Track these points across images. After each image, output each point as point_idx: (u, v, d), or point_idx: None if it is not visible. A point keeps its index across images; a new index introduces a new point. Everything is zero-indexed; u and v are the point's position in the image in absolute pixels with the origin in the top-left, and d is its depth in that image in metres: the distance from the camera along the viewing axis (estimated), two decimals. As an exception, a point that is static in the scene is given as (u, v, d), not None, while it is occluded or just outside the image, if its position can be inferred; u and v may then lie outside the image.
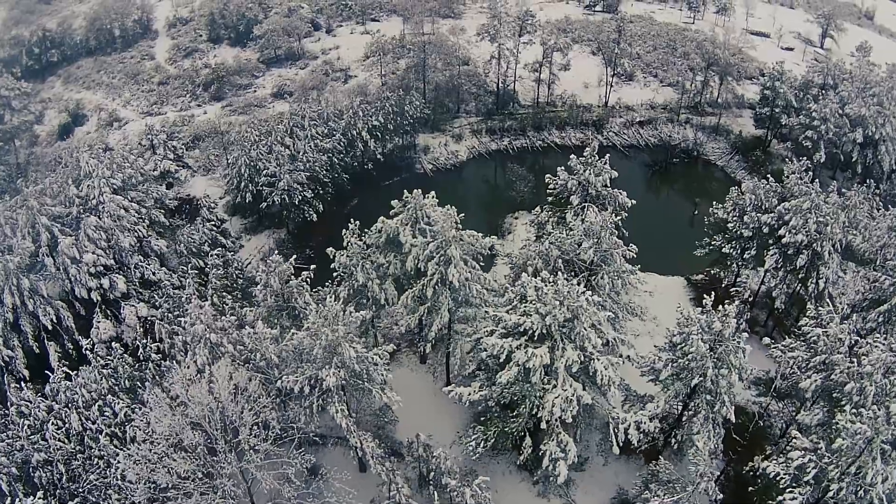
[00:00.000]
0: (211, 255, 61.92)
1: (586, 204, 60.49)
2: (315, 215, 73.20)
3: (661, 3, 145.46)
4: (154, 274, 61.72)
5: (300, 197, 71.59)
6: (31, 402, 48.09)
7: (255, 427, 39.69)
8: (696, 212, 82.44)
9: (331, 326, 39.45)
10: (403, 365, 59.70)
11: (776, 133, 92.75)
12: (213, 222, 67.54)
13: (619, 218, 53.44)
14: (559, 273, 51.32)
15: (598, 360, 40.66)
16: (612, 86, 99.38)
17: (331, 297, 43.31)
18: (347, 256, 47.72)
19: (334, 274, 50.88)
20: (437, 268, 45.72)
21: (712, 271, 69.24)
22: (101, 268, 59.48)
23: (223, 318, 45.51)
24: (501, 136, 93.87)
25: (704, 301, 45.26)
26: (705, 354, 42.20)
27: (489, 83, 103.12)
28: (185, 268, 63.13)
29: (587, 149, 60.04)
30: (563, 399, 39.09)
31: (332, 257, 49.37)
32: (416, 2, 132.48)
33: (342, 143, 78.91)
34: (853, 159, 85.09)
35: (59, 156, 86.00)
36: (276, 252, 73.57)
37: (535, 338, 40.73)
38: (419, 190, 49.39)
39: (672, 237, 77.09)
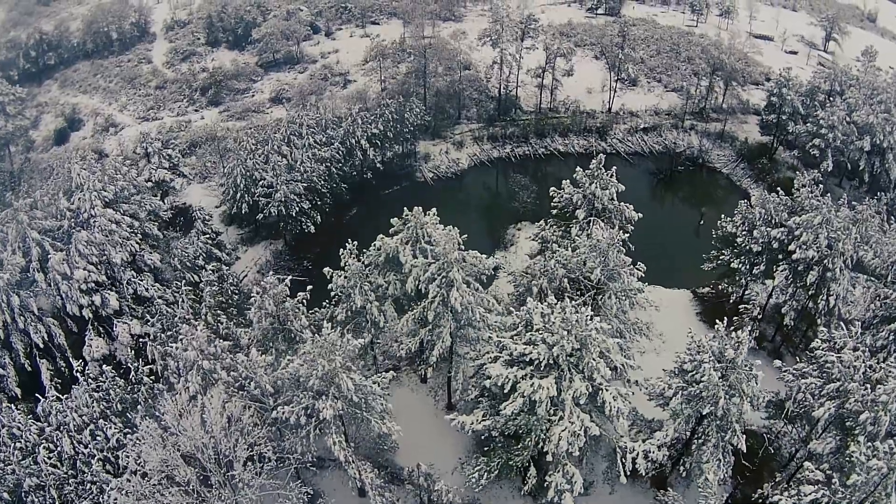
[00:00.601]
0: (205, 271, 60.11)
1: (592, 218, 58.71)
2: (313, 227, 71.28)
3: (663, 5, 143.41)
4: (147, 290, 59.86)
5: (298, 208, 69.71)
6: (22, 425, 46.48)
7: (250, 462, 37.90)
8: (702, 222, 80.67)
9: (327, 357, 37.62)
10: (404, 385, 57.85)
11: (782, 140, 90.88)
12: (207, 234, 65.60)
13: (626, 235, 51.34)
14: (565, 293, 50.02)
15: (607, 390, 38.87)
16: (615, 91, 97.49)
17: (328, 325, 41.32)
18: (345, 278, 45.84)
19: (332, 294, 49.01)
20: (439, 290, 43.89)
21: (719, 285, 67.43)
22: (93, 284, 57.76)
23: (217, 342, 43.61)
24: (503, 144, 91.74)
25: (717, 326, 43.54)
26: (717, 383, 40.43)
27: (491, 89, 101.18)
28: (179, 283, 61.25)
29: (593, 161, 58.11)
30: (570, 433, 37.31)
31: (329, 277, 47.45)
32: (416, 5, 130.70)
33: (341, 152, 76.96)
34: (860, 168, 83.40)
35: (51, 164, 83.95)
36: (273, 264, 72.91)
37: (542, 367, 38.91)
38: (419, 208, 47.51)
39: (677, 248, 75.41)
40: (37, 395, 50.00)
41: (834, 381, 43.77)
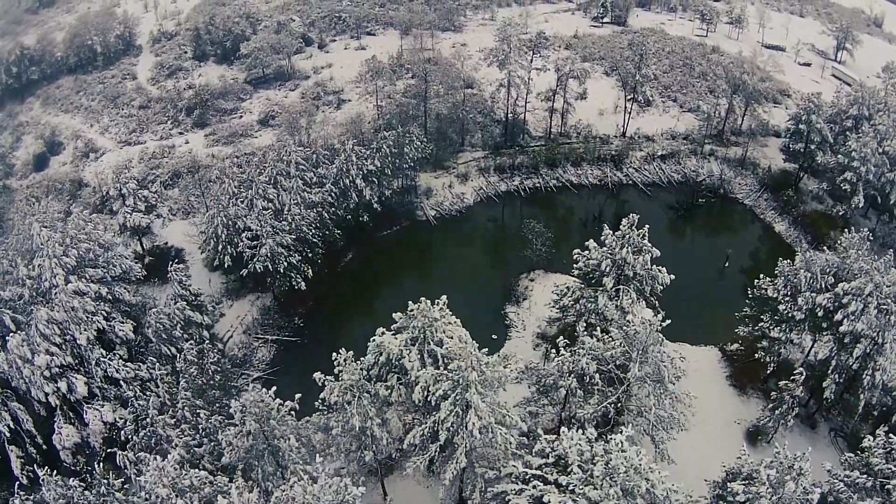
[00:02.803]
0: (184, 345, 51.73)
1: (622, 287, 50.50)
2: (303, 283, 62.68)
3: (669, 12, 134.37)
4: (118, 371, 51.44)
5: (286, 263, 61.07)
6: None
7: None
8: (727, 264, 72.65)
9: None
10: (408, 476, 49.69)
11: (808, 168, 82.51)
12: (186, 297, 57.00)
13: (664, 321, 43.01)
14: (595, 388, 42.09)
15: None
16: (630, 113, 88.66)
17: (323, 469, 32.99)
18: (339, 392, 37.41)
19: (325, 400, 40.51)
20: (454, 408, 35.69)
21: (749, 339, 59.37)
22: (58, 368, 49.46)
23: (192, 475, 35.37)
24: (512, 175, 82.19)
25: (776, 451, 35.74)
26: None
27: (497, 111, 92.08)
28: (154, 359, 52.83)
29: (624, 220, 49.80)
30: None
31: (320, 384, 39.00)
32: (414, 15, 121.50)
33: (333, 194, 68.14)
34: (891, 201, 75.21)
35: (9, 216, 75.17)
36: (261, 322, 64.09)
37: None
38: (426, 300, 38.96)
39: (702, 295, 66.75)
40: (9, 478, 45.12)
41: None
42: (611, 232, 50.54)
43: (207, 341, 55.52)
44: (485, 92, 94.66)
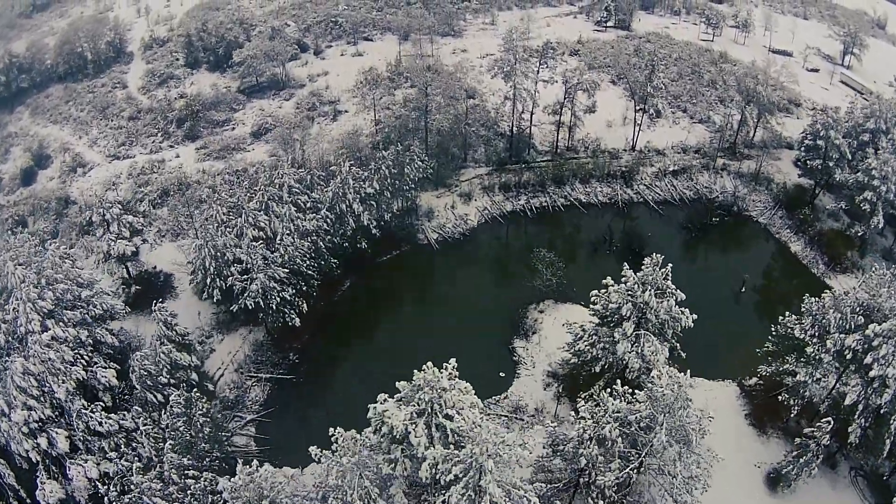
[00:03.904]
0: (170, 399, 47.28)
1: (643, 333, 46.26)
2: (297, 319, 58.09)
3: (673, 16, 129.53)
4: (101, 424, 47.00)
5: (279, 298, 56.55)
6: None
7: None
8: (744, 289, 68.38)
9: None
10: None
11: (825, 184, 78.13)
12: (172, 338, 52.46)
13: (692, 383, 38.72)
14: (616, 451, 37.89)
15: None
16: (640, 126, 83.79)
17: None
18: (337, 474, 32.98)
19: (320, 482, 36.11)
20: (466, 492, 31.42)
21: (773, 377, 55.12)
22: (37, 423, 45.21)
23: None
24: (517, 194, 77.13)
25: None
26: None
27: (501, 124, 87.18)
28: (139, 409, 48.50)
29: (647, 260, 45.55)
30: None
31: (316, 459, 34.51)
32: (412, 20, 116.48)
33: (329, 220, 63.49)
34: (908, 219, 71.25)
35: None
36: (253, 359, 59.03)
37: None
38: (432, 367, 34.55)
39: (718, 323, 61.07)
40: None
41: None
42: (632, 273, 46.26)
43: (196, 387, 50.99)
44: (488, 103, 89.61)
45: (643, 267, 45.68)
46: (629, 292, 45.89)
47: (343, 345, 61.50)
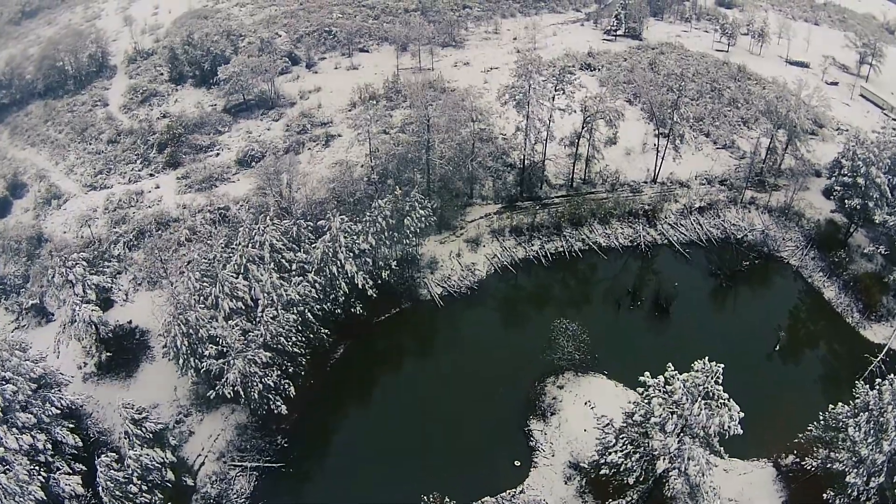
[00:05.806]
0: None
1: (686, 447, 36.93)
2: (284, 406, 48.46)
3: (684, 23, 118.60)
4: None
5: (261, 385, 47.02)
6: None
7: None
8: (778, 347, 59.10)
9: None
10: None
11: (859, 219, 68.38)
12: (142, 438, 43.03)
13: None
14: None
15: None
16: (661, 154, 73.28)
17: None
18: None
19: None
20: None
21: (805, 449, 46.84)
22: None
23: None
24: (530, 238, 66.74)
25: None
26: None
27: (510, 153, 76.70)
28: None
29: (697, 365, 36.16)
30: None
31: None
32: (410, 29, 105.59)
33: (318, 285, 53.66)
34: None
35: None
36: (237, 444, 49.15)
37: None
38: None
39: (751, 387, 50.78)
40: None
41: None
42: (677, 376, 36.78)
43: (172, 486, 41.66)
44: (494, 127, 78.96)
45: (693, 370, 36.24)
46: (675, 403, 36.45)
47: (338, 421, 52.41)
